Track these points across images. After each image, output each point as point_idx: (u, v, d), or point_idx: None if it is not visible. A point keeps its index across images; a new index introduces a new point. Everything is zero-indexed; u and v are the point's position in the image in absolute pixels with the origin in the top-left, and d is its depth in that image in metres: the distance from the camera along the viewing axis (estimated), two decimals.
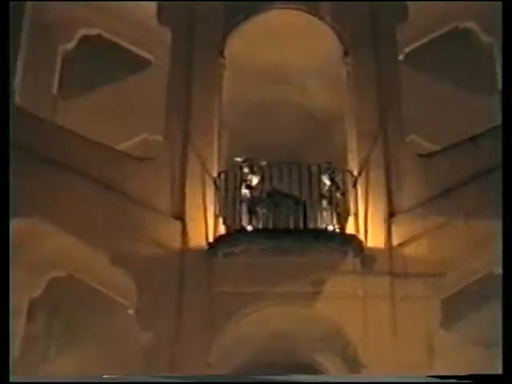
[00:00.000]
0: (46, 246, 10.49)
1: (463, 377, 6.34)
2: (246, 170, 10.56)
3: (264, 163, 10.63)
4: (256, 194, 10.46)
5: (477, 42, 13.06)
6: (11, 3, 9.58)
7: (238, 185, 10.56)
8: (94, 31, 13.10)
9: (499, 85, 12.66)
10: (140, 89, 12.65)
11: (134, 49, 13.02)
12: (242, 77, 12.18)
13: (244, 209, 10.44)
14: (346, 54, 11.75)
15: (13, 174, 8.18)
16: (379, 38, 11.75)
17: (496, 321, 11.06)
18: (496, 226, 10.22)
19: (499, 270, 11.06)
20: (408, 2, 11.89)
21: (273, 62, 12.29)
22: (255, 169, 10.56)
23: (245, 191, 10.46)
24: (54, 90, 12.89)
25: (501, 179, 10.30)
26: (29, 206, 10.16)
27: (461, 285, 10.84)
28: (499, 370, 10.11)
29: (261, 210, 10.42)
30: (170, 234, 10.50)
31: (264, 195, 10.49)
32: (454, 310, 10.67)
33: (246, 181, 10.50)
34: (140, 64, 13.01)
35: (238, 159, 10.71)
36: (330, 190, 10.58)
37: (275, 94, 12.64)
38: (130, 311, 10.72)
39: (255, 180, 10.55)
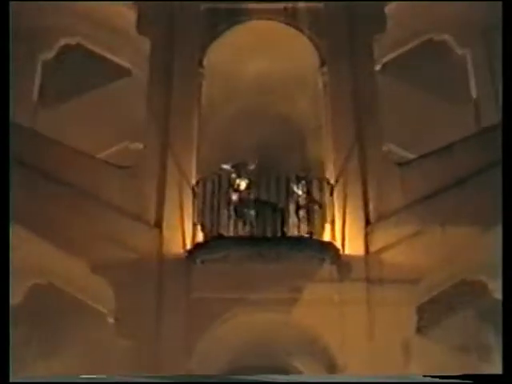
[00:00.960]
0: (26, 253, 10.58)
1: (463, 377, 6.50)
2: (233, 175, 10.77)
3: (252, 166, 10.86)
4: (244, 196, 10.65)
5: (451, 53, 13.40)
6: None
7: (217, 192, 10.76)
8: (73, 40, 13.26)
9: (473, 94, 13.02)
10: (120, 97, 12.85)
11: (113, 58, 13.20)
12: (220, 86, 12.42)
13: (225, 216, 10.64)
14: (322, 64, 12.00)
15: None
16: (356, 49, 12.02)
17: (469, 326, 11.38)
18: (472, 234, 10.54)
19: (473, 277, 11.39)
20: (386, 14, 12.20)
21: (251, 72, 12.57)
22: (242, 173, 10.79)
23: (234, 196, 10.65)
24: (34, 98, 13.02)
25: (476, 187, 10.68)
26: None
27: (436, 291, 11.07)
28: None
29: (248, 213, 10.61)
30: (148, 241, 10.64)
31: (251, 198, 10.71)
32: (429, 315, 10.88)
33: (232, 186, 10.70)
34: (120, 73, 13.20)
35: (226, 166, 10.91)
36: (306, 200, 10.80)
37: (254, 104, 12.86)
38: (110, 319, 10.83)
39: (243, 184, 10.77)
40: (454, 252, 10.63)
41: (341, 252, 10.64)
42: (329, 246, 10.62)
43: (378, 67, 12.60)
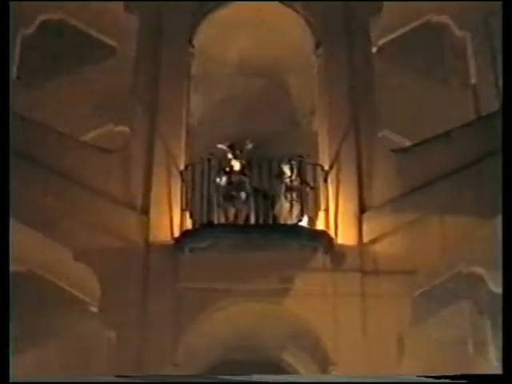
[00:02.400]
0: None
1: (463, 377, 6.55)
2: (229, 155, 10.78)
3: (250, 146, 10.89)
4: (234, 179, 10.64)
5: (450, 36, 13.41)
6: None
7: (206, 177, 10.73)
8: (55, 15, 13.11)
9: (473, 80, 13.06)
10: (105, 77, 12.69)
11: (98, 35, 13.07)
12: (211, 67, 12.38)
13: (214, 202, 10.64)
14: (317, 46, 11.96)
15: None
16: (352, 30, 11.99)
17: (464, 319, 11.48)
18: (470, 223, 10.60)
19: (470, 269, 11.48)
20: None
21: (244, 53, 12.49)
22: (238, 154, 10.80)
23: (223, 178, 10.65)
24: (13, 77, 12.86)
25: (475, 175, 10.72)
26: None
27: (432, 283, 11.14)
28: (468, 369, 10.53)
29: (237, 196, 10.62)
30: (134, 228, 10.60)
31: (243, 180, 10.70)
32: (424, 308, 10.94)
33: (223, 169, 10.72)
34: (105, 52, 13.05)
35: (222, 146, 10.92)
36: (297, 182, 10.79)
37: (246, 86, 12.81)
38: (93, 309, 10.82)
39: (238, 166, 10.78)
40: (451, 242, 10.67)
41: (334, 241, 10.63)
42: (322, 235, 10.61)
43: (374, 50, 12.57)
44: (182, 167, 11.00)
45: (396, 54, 13.02)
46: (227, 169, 10.85)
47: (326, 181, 11.04)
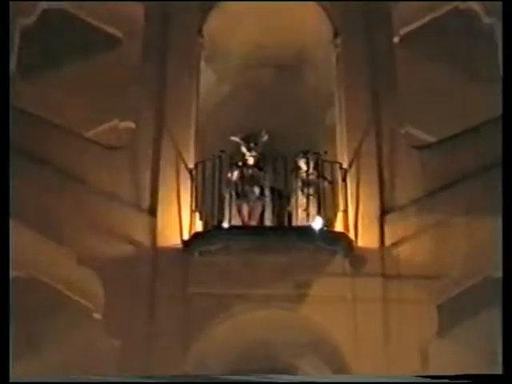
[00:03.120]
0: None
1: (462, 377, 6.63)
2: (243, 149, 10.90)
3: (265, 138, 10.97)
4: (247, 173, 10.73)
5: (478, 23, 13.36)
6: None
7: (217, 176, 10.78)
8: (57, 4, 13.17)
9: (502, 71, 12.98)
10: (109, 70, 12.74)
11: (102, 25, 13.06)
12: (222, 58, 12.46)
13: (226, 202, 10.65)
14: (335, 35, 11.99)
15: None
16: (373, 19, 12.01)
17: (494, 329, 11.42)
18: (499, 225, 10.52)
19: (499, 274, 11.41)
20: None
21: (257, 43, 12.48)
22: (252, 147, 10.89)
23: (235, 173, 10.75)
24: (12, 69, 12.93)
25: None
26: None
27: (459, 288, 11.10)
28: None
29: (251, 191, 10.70)
30: (141, 230, 10.68)
31: (257, 174, 10.76)
32: (451, 315, 10.90)
33: (236, 163, 10.84)
34: (110, 43, 13.07)
35: (235, 138, 11.01)
36: (316, 178, 10.83)
37: (259, 78, 12.85)
38: (97, 315, 10.84)
39: (252, 160, 10.86)
40: (478, 245, 10.67)
41: (354, 244, 10.67)
42: (341, 237, 10.65)
43: (396, 39, 12.53)
44: (191, 165, 11.05)
45: (419, 44, 12.91)
46: (240, 163, 10.92)
47: (344, 180, 11.07)
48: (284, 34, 12.40)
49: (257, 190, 10.87)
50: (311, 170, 10.96)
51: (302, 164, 11.02)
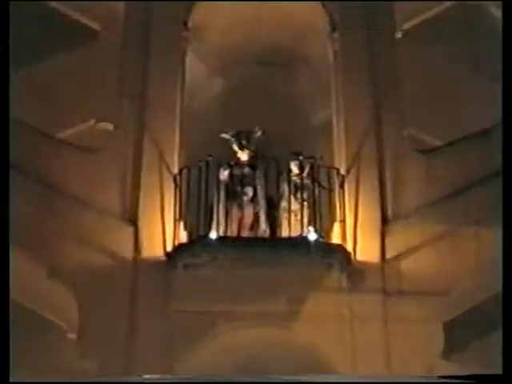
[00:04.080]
0: None
1: (462, 377, 6.69)
2: (234, 146, 10.97)
3: (259, 134, 11.05)
4: (237, 172, 10.76)
5: (486, 17, 13.42)
6: None
7: (204, 182, 10.76)
8: None
9: None
10: (85, 66, 12.74)
11: (79, 17, 13.10)
12: (209, 54, 12.47)
13: (215, 203, 10.64)
14: (333, 29, 12.03)
15: None
16: (374, 12, 12.04)
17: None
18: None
19: None
20: None
21: (247, 38, 12.48)
22: (244, 144, 10.99)
23: (224, 173, 10.78)
24: None
25: None
26: None
27: (467, 306, 11.07)
28: None
29: (242, 191, 10.76)
30: (120, 241, 10.67)
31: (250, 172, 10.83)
32: (457, 335, 10.89)
33: (228, 162, 10.87)
34: (85, 36, 13.07)
35: (226, 135, 11.07)
36: (310, 183, 10.85)
37: (249, 76, 12.82)
38: (71, 335, 10.80)
39: (245, 156, 10.95)
40: (488, 258, 10.65)
41: (352, 257, 10.70)
42: (338, 250, 10.68)
43: (398, 34, 12.60)
44: (175, 170, 11.04)
45: (424, 40, 12.97)
46: (231, 162, 10.95)
47: (342, 186, 11.09)
48: (277, 27, 12.40)
49: (250, 192, 10.91)
50: (305, 174, 10.96)
51: (294, 167, 11.05)
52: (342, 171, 11.17)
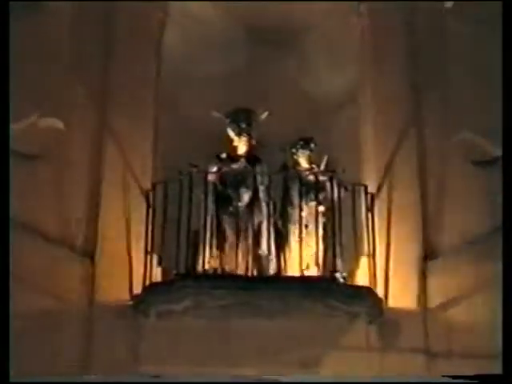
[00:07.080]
0: None
1: (462, 377, 6.73)
2: (230, 132, 11.12)
3: (265, 115, 11.11)
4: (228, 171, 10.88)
5: None
6: None
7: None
8: None
9: None
10: (25, 43, 12.57)
11: None
12: (194, 31, 12.54)
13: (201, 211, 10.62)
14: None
15: None
16: None
17: None
18: None
19: None
20: None
21: (245, 11, 12.58)
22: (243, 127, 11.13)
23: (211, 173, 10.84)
24: None
25: None
26: None
27: None
28: None
29: (235, 194, 10.83)
30: (71, 279, 10.63)
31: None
32: None
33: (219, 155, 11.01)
34: (26, 5, 13.02)
35: (218, 114, 11.20)
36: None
37: (248, 60, 12.88)
38: None
39: (243, 146, 11.13)
40: None
41: (383, 304, 10.75)
42: (365, 294, 10.63)
43: (448, 4, 12.50)
44: (147, 186, 11.06)
45: (480, 12, 12.90)
46: (223, 155, 11.01)
47: (371, 209, 11.10)
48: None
49: (246, 196, 10.89)
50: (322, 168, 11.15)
51: (303, 159, 11.35)
52: (371, 188, 11.20)
